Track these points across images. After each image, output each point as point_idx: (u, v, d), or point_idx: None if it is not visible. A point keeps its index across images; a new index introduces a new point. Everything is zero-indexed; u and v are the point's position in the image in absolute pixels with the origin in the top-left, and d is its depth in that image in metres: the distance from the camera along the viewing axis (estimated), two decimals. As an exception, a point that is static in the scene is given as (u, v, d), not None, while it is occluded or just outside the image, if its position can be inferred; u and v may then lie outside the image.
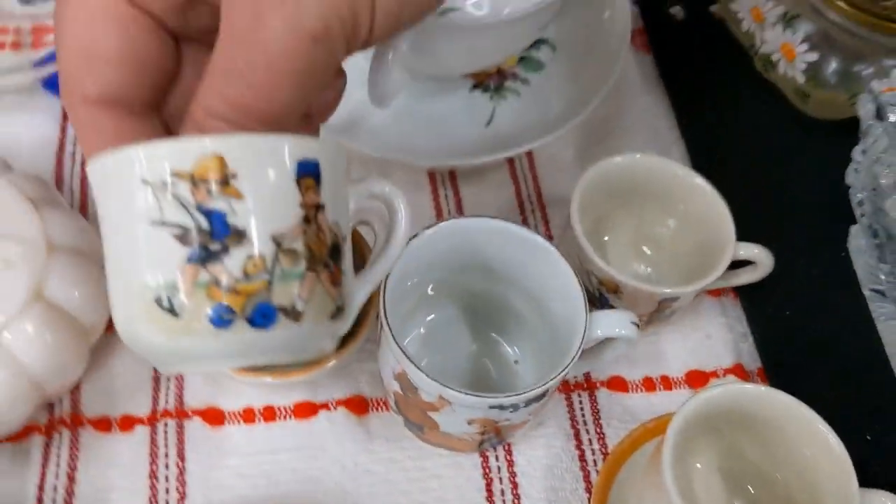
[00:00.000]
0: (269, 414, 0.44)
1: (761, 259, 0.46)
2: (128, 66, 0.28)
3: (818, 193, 0.53)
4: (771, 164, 0.55)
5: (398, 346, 0.36)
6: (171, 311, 0.26)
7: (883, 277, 0.48)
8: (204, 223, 0.26)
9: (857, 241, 0.51)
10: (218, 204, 0.26)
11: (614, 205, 0.49)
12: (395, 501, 0.42)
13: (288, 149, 0.27)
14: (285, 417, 0.44)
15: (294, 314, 0.27)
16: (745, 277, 0.48)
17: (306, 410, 0.44)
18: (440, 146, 0.52)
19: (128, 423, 0.43)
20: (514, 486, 0.44)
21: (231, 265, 0.26)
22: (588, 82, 0.54)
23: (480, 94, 0.56)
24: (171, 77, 0.31)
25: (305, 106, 0.28)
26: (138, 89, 0.29)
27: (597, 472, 0.44)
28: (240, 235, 0.26)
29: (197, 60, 0.30)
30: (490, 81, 0.56)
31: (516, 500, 0.43)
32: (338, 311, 0.29)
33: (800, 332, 0.49)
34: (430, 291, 0.45)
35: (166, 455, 0.42)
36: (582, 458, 0.45)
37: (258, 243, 0.26)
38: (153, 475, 0.41)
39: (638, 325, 0.41)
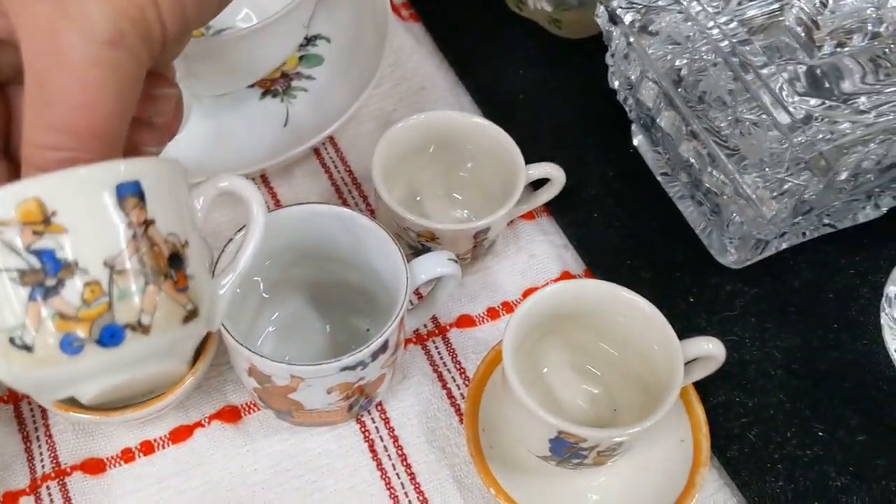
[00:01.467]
0: (147, 447, 0.45)
1: (553, 173, 0.50)
2: None
3: (598, 105, 0.59)
4: (547, 91, 0.60)
5: (235, 341, 0.39)
6: (26, 347, 0.28)
7: (666, 161, 0.54)
8: (36, 263, 0.28)
9: (639, 137, 0.56)
10: (45, 243, 0.28)
11: (417, 164, 0.52)
12: (289, 489, 0.44)
13: (102, 177, 0.29)
14: (163, 446, 0.45)
15: (141, 328, 0.29)
16: (546, 195, 0.52)
17: (182, 433, 0.46)
18: (244, 155, 0.54)
19: (11, 499, 0.43)
20: (395, 438, 0.46)
21: (69, 296, 0.28)
22: (366, 62, 0.57)
23: (271, 100, 0.58)
24: (6, 119, 0.32)
25: (130, 113, 0.30)
26: None
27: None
28: (71, 267, 0.28)
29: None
30: (277, 86, 0.59)
31: (400, 451, 0.46)
32: (190, 315, 0.31)
33: (611, 230, 0.54)
34: (264, 294, 0.47)
35: (57, 516, 0.43)
36: (450, 395, 0.48)
37: (91, 270, 0.28)
38: (49, 538, 0.42)
39: (456, 261, 0.44)
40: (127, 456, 0.45)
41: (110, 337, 0.28)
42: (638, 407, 0.45)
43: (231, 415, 0.46)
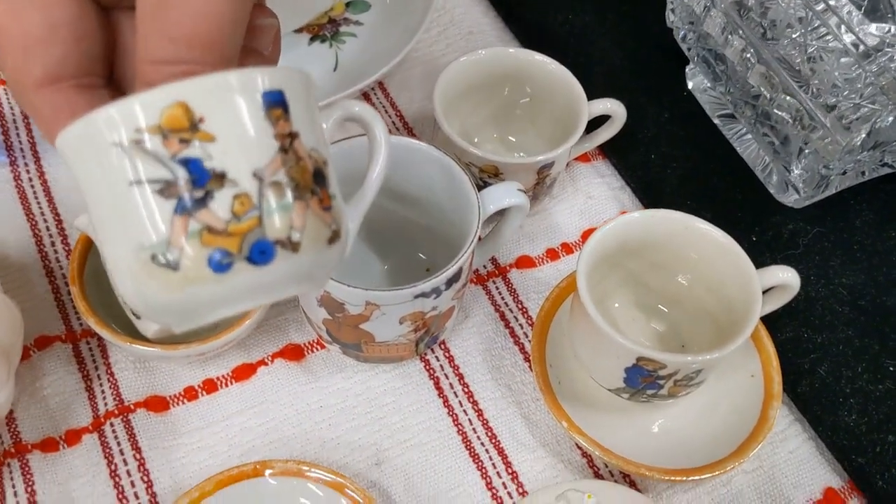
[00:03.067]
0: (210, 386, 0.44)
1: (615, 110, 0.49)
2: (62, 42, 0.28)
3: (650, 47, 0.58)
4: (597, 34, 0.59)
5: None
6: (169, 265, 0.26)
7: (725, 100, 0.53)
8: (182, 173, 0.26)
9: (695, 79, 0.56)
10: (192, 151, 0.26)
11: (471, 106, 0.52)
12: (356, 426, 0.44)
13: (250, 81, 0.27)
14: (227, 384, 0.45)
15: (292, 245, 0.27)
16: (606, 133, 0.51)
17: (245, 372, 0.45)
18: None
19: (74, 436, 0.43)
20: (460, 376, 0.46)
21: (218, 208, 0.26)
22: (414, 6, 0.56)
23: (319, 45, 0.57)
24: (111, 46, 0.31)
25: (244, 28, 0.28)
26: (81, 63, 0.29)
27: (528, 341, 0.47)
28: (221, 178, 0.26)
29: (133, 26, 0.30)
30: (325, 31, 0.58)
31: (465, 388, 0.45)
32: (334, 236, 0.29)
33: (668, 171, 0.53)
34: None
35: (121, 452, 0.42)
36: (512, 334, 0.48)
37: (241, 182, 0.26)
38: (114, 475, 0.42)
39: (524, 191, 0.43)
40: (190, 394, 0.44)
41: (260, 254, 0.26)
42: (707, 342, 0.45)
43: (294, 353, 0.46)
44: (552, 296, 0.46)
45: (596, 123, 0.51)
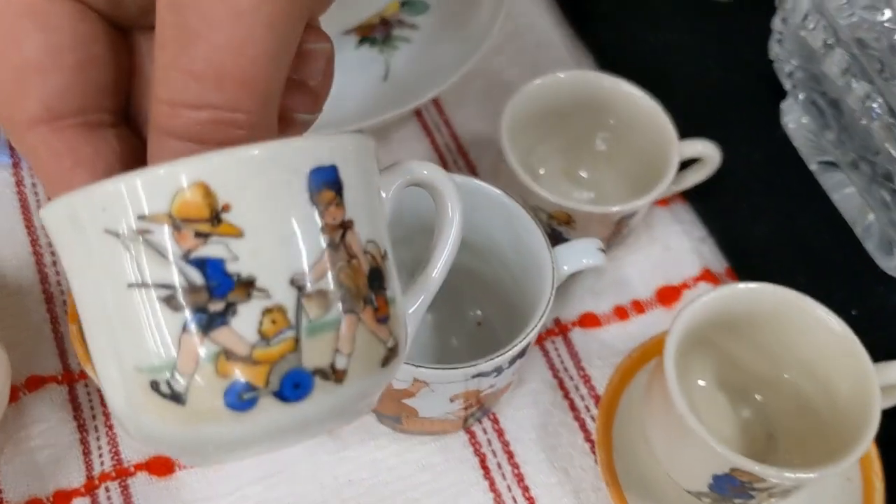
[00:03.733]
0: (224, 447, 0.38)
1: (708, 154, 0.43)
2: (64, 70, 0.22)
3: (740, 76, 0.51)
4: (681, 58, 0.52)
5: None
6: (174, 396, 0.20)
7: (831, 147, 0.46)
8: (197, 278, 0.20)
9: (792, 117, 0.49)
10: (212, 249, 0.20)
11: (539, 134, 0.45)
12: (387, 506, 0.38)
13: (293, 155, 0.21)
14: (242, 446, 0.39)
15: (335, 374, 0.21)
16: (695, 177, 0.45)
17: (264, 432, 0.39)
18: (335, 111, 0.47)
19: (63, 498, 0.37)
20: (510, 455, 0.40)
21: (243, 328, 0.20)
22: (479, 13, 0.50)
23: (369, 49, 0.51)
24: (126, 74, 0.24)
25: (288, 63, 0.22)
26: (87, 96, 0.22)
27: (591, 418, 0.41)
28: (248, 286, 0.20)
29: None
30: (376, 34, 0.51)
31: (516, 469, 0.39)
32: (390, 355, 0.23)
33: (757, 223, 0.47)
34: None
35: (117, 523, 0.36)
36: (572, 406, 0.41)
37: (274, 292, 0.20)
38: (107, 550, 0.36)
39: (604, 251, 0.37)
40: (199, 456, 0.38)
41: (294, 388, 0.20)
42: (801, 435, 0.38)
43: (321, 414, 0.40)
44: (622, 367, 0.40)
45: (683, 163, 0.45)
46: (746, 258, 0.46)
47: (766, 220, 0.47)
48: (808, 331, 0.37)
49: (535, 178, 0.45)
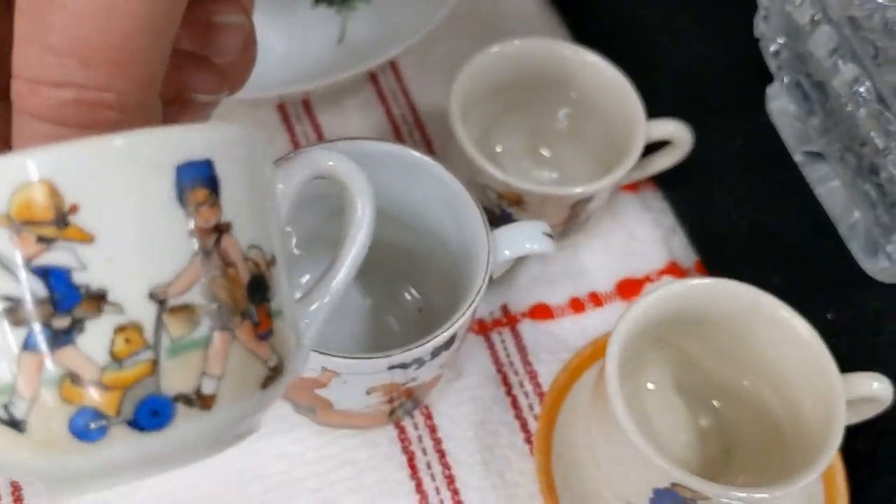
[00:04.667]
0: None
1: (678, 136, 0.39)
2: None
3: (723, 55, 0.47)
4: (662, 30, 0.48)
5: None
6: (13, 423, 0.18)
7: (815, 136, 0.42)
8: (39, 289, 0.17)
9: (778, 102, 0.45)
10: (56, 257, 0.17)
11: (500, 108, 0.41)
12: None
13: (158, 146, 0.18)
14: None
15: (202, 400, 0.18)
16: (663, 161, 0.41)
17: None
18: (286, 71, 0.43)
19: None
20: (441, 454, 0.36)
21: (91, 347, 0.17)
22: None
23: (325, 9, 0.47)
24: (7, 43, 0.21)
25: (172, 32, 0.19)
26: None
27: (535, 417, 0.38)
28: (98, 300, 0.18)
29: None
30: (334, -8, 0.47)
31: (447, 470, 0.36)
32: (273, 374, 0.20)
33: (733, 215, 0.43)
34: (295, 249, 0.37)
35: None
36: (515, 404, 0.38)
37: (129, 307, 0.18)
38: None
39: (551, 235, 0.33)
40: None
41: (152, 415, 0.18)
42: (759, 449, 0.35)
43: (236, 400, 0.36)
44: (571, 365, 0.37)
45: (653, 145, 0.41)
46: (718, 252, 0.42)
47: (743, 212, 0.43)
48: (772, 334, 0.33)
49: (492, 155, 0.42)
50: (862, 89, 0.36)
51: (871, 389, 0.33)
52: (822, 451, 0.30)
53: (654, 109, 0.40)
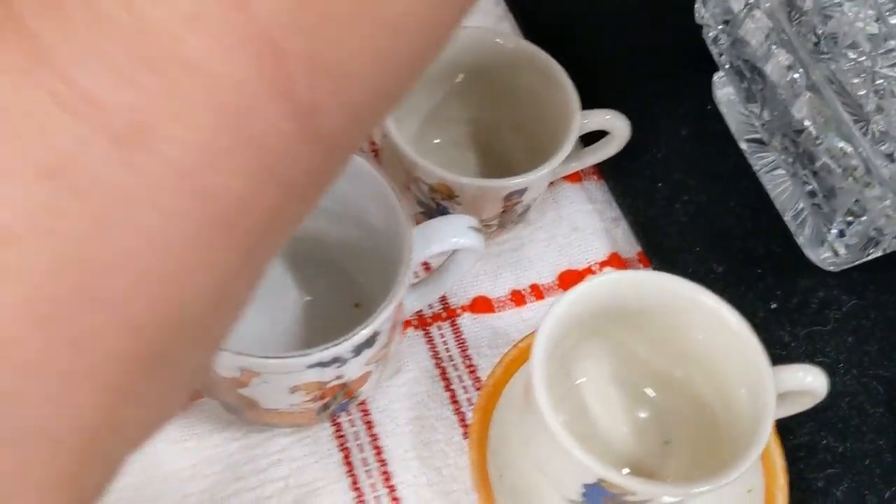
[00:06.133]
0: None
1: (614, 125, 0.39)
2: None
3: (669, 42, 0.47)
4: (607, 17, 0.48)
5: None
6: None
7: (757, 124, 0.42)
8: None
9: (725, 90, 0.45)
10: None
11: (439, 98, 0.41)
12: (234, 504, 0.34)
13: None
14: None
15: None
16: (602, 152, 0.40)
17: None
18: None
19: None
20: (378, 450, 0.36)
21: None
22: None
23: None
24: None
25: None
26: None
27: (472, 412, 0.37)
28: None
29: None
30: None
31: (383, 466, 0.36)
32: None
33: (676, 205, 0.43)
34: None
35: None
36: (454, 399, 0.38)
37: None
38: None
39: (479, 230, 0.33)
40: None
41: None
42: (697, 440, 0.35)
43: (168, 400, 0.36)
44: (507, 358, 0.36)
45: (596, 135, 0.41)
46: (660, 242, 0.42)
47: (687, 202, 0.43)
48: (705, 326, 0.33)
49: (430, 148, 0.41)
50: (796, 76, 0.36)
51: (804, 383, 0.32)
52: (751, 443, 0.30)
53: (602, 99, 0.40)
